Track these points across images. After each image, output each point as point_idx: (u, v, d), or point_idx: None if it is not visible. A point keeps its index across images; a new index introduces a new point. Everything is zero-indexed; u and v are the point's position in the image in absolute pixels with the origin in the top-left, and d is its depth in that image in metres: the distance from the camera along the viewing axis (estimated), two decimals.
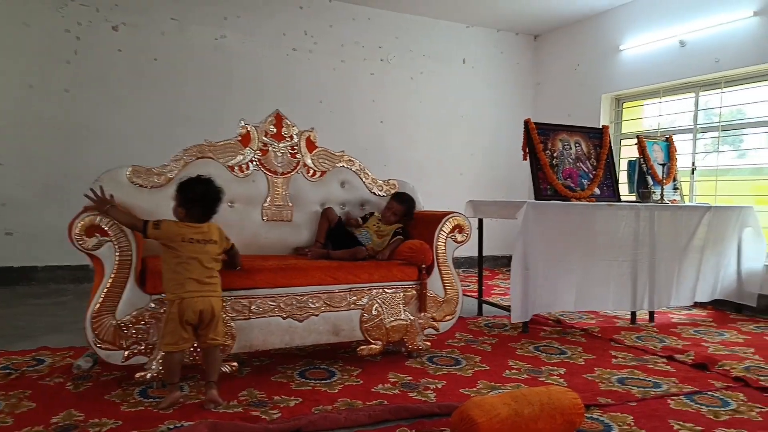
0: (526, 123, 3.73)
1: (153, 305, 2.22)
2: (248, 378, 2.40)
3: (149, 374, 2.19)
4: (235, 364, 2.35)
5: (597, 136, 3.97)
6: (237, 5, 5.15)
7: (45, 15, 4.51)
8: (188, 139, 3.02)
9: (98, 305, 2.15)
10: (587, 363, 2.78)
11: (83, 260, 2.27)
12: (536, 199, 3.57)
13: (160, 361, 2.18)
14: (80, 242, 2.14)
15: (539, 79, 6.56)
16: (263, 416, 1.99)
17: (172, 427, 1.88)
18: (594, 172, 3.87)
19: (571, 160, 3.83)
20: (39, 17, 4.50)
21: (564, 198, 3.64)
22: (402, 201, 3.05)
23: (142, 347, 2.21)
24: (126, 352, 2.20)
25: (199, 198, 2.18)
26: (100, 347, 2.16)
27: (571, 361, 2.80)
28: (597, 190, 3.82)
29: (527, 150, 3.72)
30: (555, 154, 3.78)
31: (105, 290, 2.16)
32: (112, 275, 2.18)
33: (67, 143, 4.57)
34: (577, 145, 3.89)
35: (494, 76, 6.40)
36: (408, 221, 3.04)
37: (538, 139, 3.71)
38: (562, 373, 2.61)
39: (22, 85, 4.46)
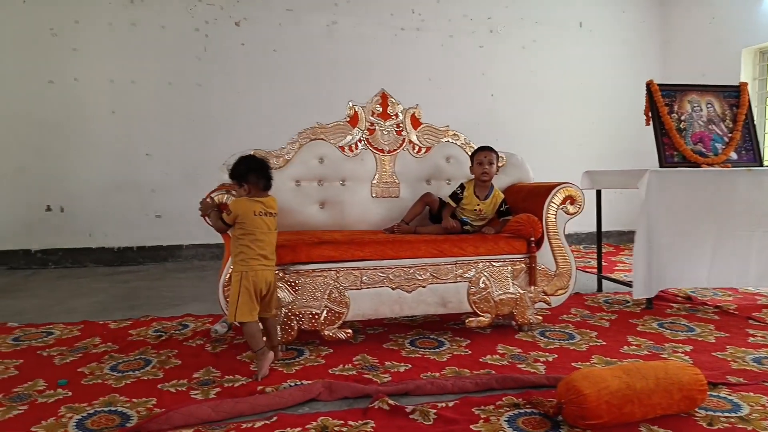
0: (648, 85, 3.46)
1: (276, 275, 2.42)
2: (362, 345, 2.55)
3: None
4: (350, 331, 2.50)
5: (733, 95, 3.57)
6: None
7: (178, 17, 4.99)
8: (303, 123, 3.20)
9: (228, 275, 2.39)
10: (718, 341, 2.57)
11: (221, 239, 2.51)
12: (661, 166, 3.32)
13: (283, 326, 2.39)
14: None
15: (667, 37, 6.00)
16: (375, 379, 2.11)
17: (293, 384, 2.06)
18: (730, 135, 3.49)
19: (701, 123, 3.49)
20: (173, 19, 4.98)
21: (693, 164, 3.35)
22: (489, 147, 2.89)
23: None
24: None
25: (252, 168, 2.26)
26: None
27: (700, 339, 2.61)
28: (733, 155, 3.45)
29: (650, 114, 3.46)
30: (683, 117, 3.47)
31: None
32: None
33: (199, 133, 5.04)
34: (709, 106, 3.53)
35: (615, 38, 5.97)
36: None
37: (662, 101, 3.43)
38: (688, 350, 2.44)
39: (162, 82, 4.99)
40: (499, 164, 2.97)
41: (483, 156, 2.86)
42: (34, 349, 2.52)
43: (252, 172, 2.27)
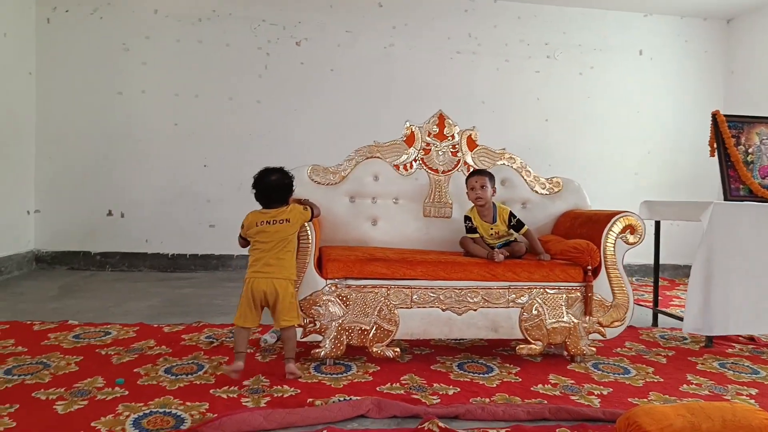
0: (714, 115, 3.35)
1: (327, 289, 2.45)
2: (410, 364, 2.53)
3: (323, 352, 2.42)
4: (397, 349, 2.49)
5: None
6: (405, 14, 5.39)
7: (242, 35, 5.18)
8: (359, 141, 3.24)
9: None
10: None
11: None
12: (726, 200, 3.20)
13: (332, 340, 2.40)
14: None
15: (733, 68, 5.82)
16: (423, 400, 2.08)
17: (342, 399, 2.06)
18: None
19: None
20: (237, 38, 5.18)
21: (761, 199, 3.21)
22: (480, 171, 2.83)
23: (317, 327, 2.45)
24: (304, 330, 2.45)
25: (255, 187, 2.36)
26: None
27: (767, 383, 2.46)
28: None
29: (715, 146, 3.35)
30: (750, 150, 3.34)
31: None
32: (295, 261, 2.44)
33: (256, 147, 5.17)
34: None
35: (677, 67, 5.82)
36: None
37: (728, 133, 3.31)
38: (753, 393, 2.32)
39: (224, 98, 5.17)
40: (494, 186, 2.82)
41: (474, 181, 2.78)
42: (92, 348, 2.61)
43: (257, 194, 2.37)
